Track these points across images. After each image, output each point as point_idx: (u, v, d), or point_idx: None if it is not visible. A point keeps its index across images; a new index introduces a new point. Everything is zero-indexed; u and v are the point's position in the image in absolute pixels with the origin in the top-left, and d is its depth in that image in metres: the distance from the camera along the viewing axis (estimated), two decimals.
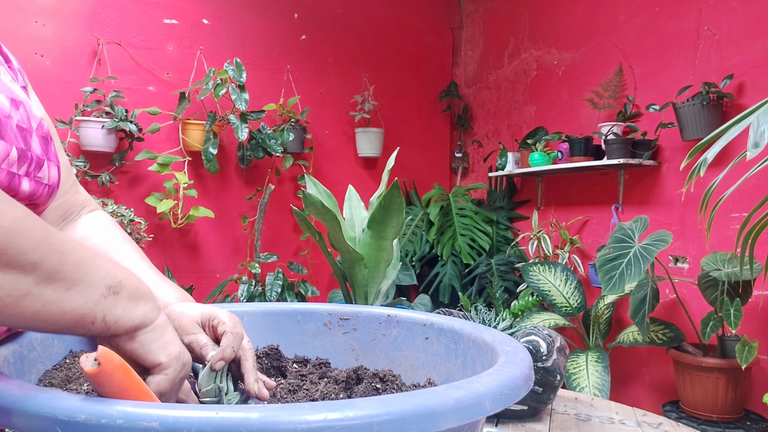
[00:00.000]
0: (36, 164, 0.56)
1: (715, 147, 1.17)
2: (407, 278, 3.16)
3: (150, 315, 0.47)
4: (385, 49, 3.53)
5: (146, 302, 0.47)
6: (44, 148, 0.58)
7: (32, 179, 0.55)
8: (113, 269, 0.45)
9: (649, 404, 2.57)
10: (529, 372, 0.48)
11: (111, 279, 0.44)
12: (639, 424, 0.98)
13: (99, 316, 0.43)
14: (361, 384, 0.63)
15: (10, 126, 0.52)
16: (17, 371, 0.52)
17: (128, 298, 0.45)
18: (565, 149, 2.79)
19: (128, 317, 0.45)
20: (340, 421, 0.33)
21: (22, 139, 0.54)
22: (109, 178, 2.62)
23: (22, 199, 0.55)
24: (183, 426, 0.32)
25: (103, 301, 0.43)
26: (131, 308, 0.45)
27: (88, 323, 0.42)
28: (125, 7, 2.73)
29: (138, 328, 0.46)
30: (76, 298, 0.41)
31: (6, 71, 0.60)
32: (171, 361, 0.48)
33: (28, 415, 0.35)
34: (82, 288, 0.41)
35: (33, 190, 0.56)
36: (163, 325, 0.48)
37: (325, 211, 1.15)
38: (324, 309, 0.80)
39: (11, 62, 0.63)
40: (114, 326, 0.44)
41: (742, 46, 2.23)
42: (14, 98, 0.55)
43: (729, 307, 1.96)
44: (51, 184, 0.59)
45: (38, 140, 0.57)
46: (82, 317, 0.42)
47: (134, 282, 0.46)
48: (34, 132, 0.57)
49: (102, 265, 0.44)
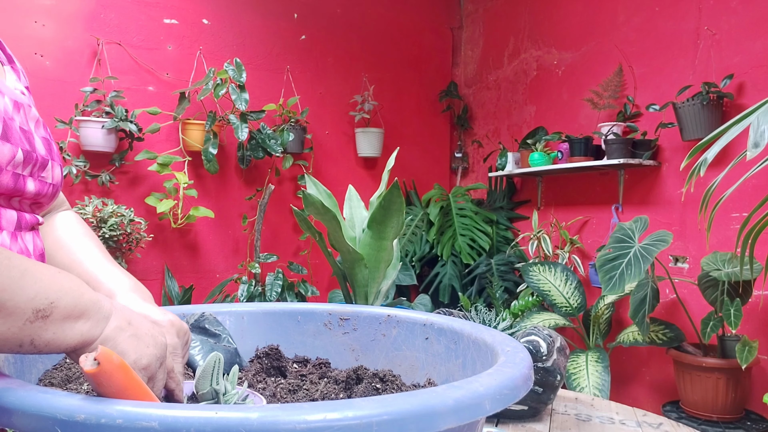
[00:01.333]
0: (41, 164, 0.56)
1: (715, 147, 1.17)
2: (407, 278, 3.16)
3: (91, 332, 0.44)
4: (385, 49, 3.53)
5: (86, 319, 0.43)
6: (48, 148, 0.59)
7: (36, 179, 0.56)
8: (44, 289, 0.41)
9: (649, 404, 2.57)
10: (529, 372, 0.48)
11: (40, 301, 0.40)
12: (639, 424, 0.97)
13: (26, 341, 0.40)
14: (361, 384, 0.63)
15: (14, 128, 0.53)
16: (17, 371, 0.52)
17: (62, 320, 0.42)
18: (565, 149, 2.79)
19: (61, 340, 0.42)
20: (339, 421, 0.33)
21: (27, 141, 0.54)
22: (109, 178, 2.62)
23: (27, 198, 0.55)
24: (182, 426, 0.32)
25: (30, 326, 0.40)
26: (65, 330, 0.42)
27: (14, 347, 0.40)
28: (125, 7, 2.73)
29: (77, 347, 0.43)
30: None
31: (10, 71, 0.61)
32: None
33: (28, 414, 0.35)
34: (3, 314, 0.38)
35: (38, 189, 0.56)
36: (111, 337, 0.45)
37: (325, 211, 1.15)
38: (324, 309, 0.80)
39: (14, 62, 0.64)
40: (46, 348, 0.42)
41: (742, 46, 2.23)
42: (17, 100, 0.55)
43: (729, 307, 1.96)
44: (55, 183, 0.60)
45: (41, 141, 0.58)
46: (6, 341, 0.39)
47: (71, 300, 0.43)
48: (34, 133, 0.57)
49: (30, 286, 0.40)
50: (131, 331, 0.47)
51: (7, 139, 0.50)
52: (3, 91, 0.53)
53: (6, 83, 0.56)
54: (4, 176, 0.50)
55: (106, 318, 0.45)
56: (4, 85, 0.55)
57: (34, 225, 0.57)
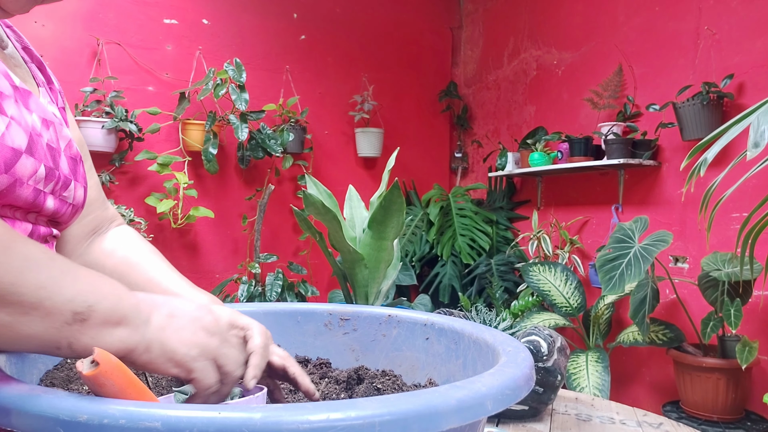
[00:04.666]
0: (63, 183, 0.57)
1: (715, 147, 1.17)
2: (407, 278, 3.16)
3: (130, 339, 0.42)
4: (384, 49, 3.53)
5: (126, 325, 0.42)
6: (72, 168, 0.59)
7: (57, 197, 0.56)
8: (83, 292, 0.40)
9: (649, 404, 2.57)
10: (531, 372, 0.48)
11: (78, 304, 0.40)
12: (639, 424, 0.98)
13: (63, 343, 0.39)
14: (362, 384, 0.63)
15: (40, 144, 0.53)
16: (18, 371, 0.52)
17: (100, 324, 0.41)
18: (565, 149, 2.79)
19: (100, 344, 0.41)
20: (342, 421, 0.33)
21: (51, 158, 0.55)
22: (109, 178, 2.61)
23: (45, 215, 0.56)
24: (185, 426, 0.32)
25: (68, 328, 0.39)
26: (103, 335, 0.41)
27: (52, 349, 0.39)
28: (125, 7, 2.73)
29: (119, 354, 0.42)
30: (34, 324, 0.38)
31: (46, 93, 0.63)
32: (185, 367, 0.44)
33: (30, 415, 0.35)
34: (41, 313, 0.38)
35: (57, 208, 0.56)
36: (154, 339, 0.44)
37: (325, 211, 1.15)
38: (324, 309, 0.80)
39: (53, 84, 0.65)
40: (84, 353, 0.40)
41: (742, 46, 2.23)
42: (45, 118, 0.56)
43: (729, 307, 1.96)
44: (75, 203, 0.60)
45: (67, 160, 0.58)
46: (45, 344, 0.39)
47: (109, 304, 0.42)
48: (62, 152, 0.58)
49: (69, 286, 0.40)
50: (175, 325, 0.45)
51: (31, 154, 0.51)
52: (32, 109, 0.54)
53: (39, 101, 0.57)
54: (25, 190, 0.50)
55: (146, 321, 0.44)
56: (37, 103, 0.55)
57: (47, 237, 0.58)
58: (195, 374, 0.45)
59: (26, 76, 0.60)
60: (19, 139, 0.49)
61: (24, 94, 0.53)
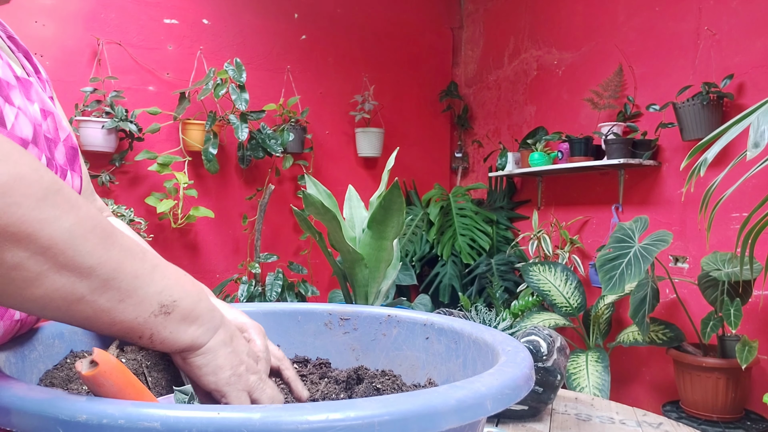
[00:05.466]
0: (60, 173, 0.56)
1: (715, 147, 1.17)
2: (407, 278, 3.16)
3: (201, 339, 0.45)
4: (385, 49, 3.53)
5: (199, 325, 0.45)
6: (70, 158, 0.59)
7: None
8: (170, 286, 0.43)
9: (649, 404, 2.57)
10: (530, 372, 0.48)
11: (165, 297, 0.42)
12: (639, 424, 0.98)
13: (146, 334, 0.41)
14: (362, 384, 0.63)
15: (41, 134, 0.53)
16: (18, 371, 0.52)
17: (180, 320, 0.43)
18: (565, 149, 2.79)
19: (175, 340, 0.43)
20: (341, 421, 0.33)
21: (47, 149, 0.54)
22: (109, 178, 2.62)
23: None
24: (184, 426, 0.32)
25: (153, 319, 0.41)
26: (180, 331, 0.43)
27: (135, 337, 0.41)
28: (125, 7, 2.73)
29: (186, 350, 0.44)
30: (127, 311, 0.40)
31: (36, 82, 0.62)
32: (221, 388, 0.46)
33: (30, 414, 0.35)
34: (134, 301, 0.40)
35: None
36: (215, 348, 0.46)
37: (325, 211, 1.15)
38: (324, 309, 0.80)
39: (40, 73, 0.65)
40: (159, 345, 0.43)
41: (742, 46, 2.23)
42: (44, 108, 0.56)
43: (729, 307, 1.96)
44: None
45: (64, 150, 0.58)
46: (131, 331, 0.41)
47: (190, 302, 0.44)
48: (61, 142, 0.58)
49: (159, 279, 0.42)
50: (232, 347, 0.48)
51: (36, 144, 0.51)
52: (33, 99, 0.54)
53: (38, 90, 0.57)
54: None
55: (215, 329, 0.46)
56: (37, 93, 0.55)
57: None
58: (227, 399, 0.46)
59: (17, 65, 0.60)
60: (27, 129, 0.49)
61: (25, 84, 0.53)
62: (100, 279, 0.38)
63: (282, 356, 0.61)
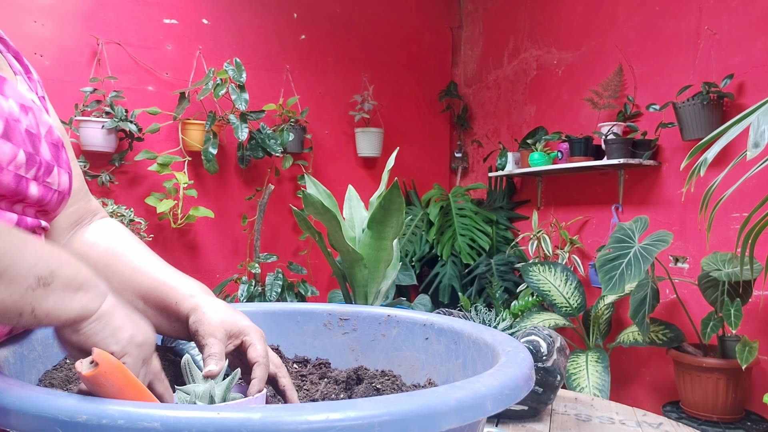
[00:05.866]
0: (45, 169, 0.56)
1: (715, 147, 1.17)
2: (407, 278, 3.16)
3: (90, 305, 0.44)
4: (384, 49, 3.53)
5: (86, 291, 0.44)
6: (54, 154, 0.59)
7: (41, 184, 0.56)
8: (45, 258, 0.41)
9: (649, 404, 2.57)
10: (530, 372, 0.48)
11: (41, 269, 0.41)
12: (639, 424, 0.97)
13: (27, 309, 0.40)
14: (362, 384, 0.63)
15: (18, 130, 0.53)
16: (17, 372, 0.52)
17: (62, 289, 0.42)
18: (565, 149, 2.79)
19: (62, 310, 0.42)
20: (341, 422, 0.33)
21: (31, 144, 0.54)
22: (109, 178, 2.61)
23: (31, 203, 0.55)
24: (184, 426, 0.32)
25: (31, 293, 0.40)
26: (66, 300, 0.42)
27: (15, 316, 0.40)
28: (124, 7, 2.73)
29: (77, 320, 0.43)
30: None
31: (24, 80, 0.62)
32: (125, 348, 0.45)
33: (29, 415, 0.35)
34: (5, 280, 0.38)
35: (42, 195, 0.56)
36: (109, 312, 0.45)
37: (324, 211, 1.15)
38: (324, 309, 0.80)
39: (31, 73, 0.65)
40: (45, 319, 0.42)
41: (742, 46, 2.23)
42: (24, 104, 0.56)
43: (729, 307, 1.96)
44: (61, 190, 0.59)
45: (47, 146, 0.58)
46: (7, 310, 0.39)
47: (70, 271, 0.43)
48: (43, 138, 0.57)
49: (31, 253, 0.41)
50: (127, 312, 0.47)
51: (8, 139, 0.50)
52: (8, 95, 0.54)
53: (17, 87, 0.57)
54: (5, 176, 0.50)
55: (104, 294, 0.46)
56: (13, 89, 0.55)
57: (35, 228, 0.57)
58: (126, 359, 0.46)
59: (2, 64, 0.60)
60: None
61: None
62: None
63: (280, 364, 0.60)
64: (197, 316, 0.57)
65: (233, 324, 0.58)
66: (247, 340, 0.58)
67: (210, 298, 0.61)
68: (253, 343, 0.57)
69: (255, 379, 0.54)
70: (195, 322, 0.57)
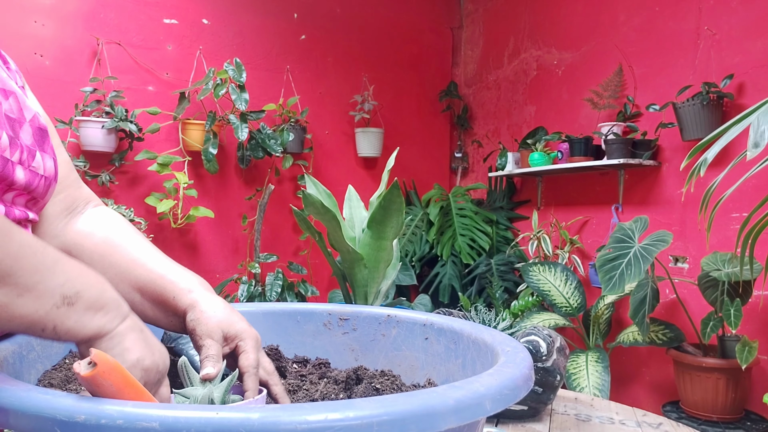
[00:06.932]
0: (28, 153, 0.55)
1: (715, 147, 1.17)
2: (407, 278, 3.16)
3: (107, 326, 0.46)
4: (385, 49, 3.53)
5: (105, 313, 0.46)
6: (38, 139, 0.58)
7: (26, 168, 0.55)
8: (72, 278, 0.43)
9: (649, 404, 2.57)
10: (530, 372, 0.48)
11: (68, 288, 0.42)
12: (639, 425, 0.97)
13: (49, 326, 0.42)
14: (361, 384, 0.63)
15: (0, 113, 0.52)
16: (16, 372, 0.52)
17: (84, 309, 0.44)
18: (565, 149, 2.79)
19: (81, 329, 0.44)
20: (340, 422, 0.33)
21: (11, 128, 0.54)
22: (109, 178, 2.61)
23: (18, 188, 0.55)
24: (183, 426, 0.32)
25: (56, 311, 0.42)
26: (86, 320, 0.44)
27: (38, 330, 0.42)
28: (125, 7, 2.73)
29: (92, 338, 0.45)
30: (27, 305, 0.40)
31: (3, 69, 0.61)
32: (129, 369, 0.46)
33: (28, 415, 0.35)
34: (34, 295, 0.40)
35: (29, 180, 0.55)
36: (122, 333, 0.47)
37: (324, 211, 1.15)
38: (324, 309, 0.80)
39: (8, 64, 0.64)
40: (65, 336, 0.43)
41: (742, 46, 2.23)
42: (5, 89, 0.55)
43: (729, 307, 1.96)
44: (47, 175, 0.59)
45: (30, 130, 0.57)
46: (33, 324, 0.41)
47: (94, 293, 0.45)
48: (27, 123, 0.57)
49: (60, 273, 0.42)
50: (142, 336, 0.48)
51: None
52: None
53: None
54: None
55: (123, 316, 0.47)
56: None
57: (22, 221, 0.57)
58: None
59: None
60: None
61: None
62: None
63: (272, 371, 0.60)
64: (195, 315, 0.57)
65: (231, 326, 0.58)
66: (241, 346, 0.58)
67: (209, 295, 0.60)
68: (246, 350, 0.57)
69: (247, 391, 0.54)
70: (192, 321, 0.57)
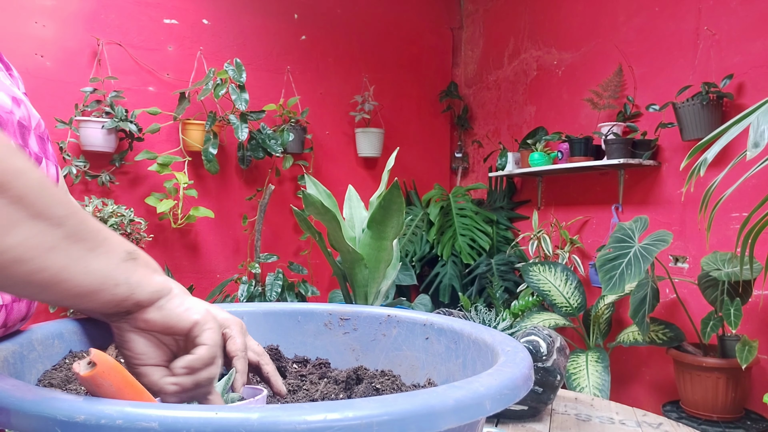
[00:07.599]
0: (35, 160, 0.56)
1: (715, 147, 1.17)
2: (407, 278, 3.16)
3: (168, 283, 0.47)
4: (385, 49, 3.53)
5: (160, 274, 0.48)
6: (42, 147, 0.59)
7: None
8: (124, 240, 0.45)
9: (649, 404, 2.57)
10: (530, 372, 0.48)
11: (128, 245, 0.45)
12: (639, 424, 0.97)
13: (122, 278, 0.43)
14: (361, 384, 0.63)
15: (11, 122, 0.53)
16: (16, 372, 0.52)
17: (145, 265, 0.46)
18: (565, 149, 2.79)
19: (148, 282, 0.45)
20: (339, 422, 0.33)
21: (21, 136, 0.54)
22: (109, 178, 2.62)
23: None
24: (182, 426, 0.32)
25: (124, 264, 0.43)
26: (149, 274, 0.46)
27: (111, 285, 0.42)
28: (125, 8, 2.73)
29: (161, 294, 0.46)
30: (100, 258, 0.41)
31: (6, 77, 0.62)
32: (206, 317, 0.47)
33: (28, 415, 0.35)
34: (104, 249, 0.42)
35: None
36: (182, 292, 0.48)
37: (325, 211, 1.15)
38: (324, 309, 0.80)
39: (11, 70, 0.65)
40: (138, 289, 0.44)
41: (742, 46, 2.23)
42: (15, 96, 0.56)
43: (729, 306, 1.96)
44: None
45: (35, 139, 0.58)
46: (106, 279, 0.42)
47: (145, 255, 0.47)
48: (32, 130, 0.58)
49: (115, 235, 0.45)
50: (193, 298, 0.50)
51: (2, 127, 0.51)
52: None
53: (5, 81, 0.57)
54: None
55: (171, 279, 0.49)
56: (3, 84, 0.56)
57: None
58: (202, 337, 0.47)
59: None
60: None
61: None
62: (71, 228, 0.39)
63: (262, 351, 0.61)
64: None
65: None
66: (227, 333, 0.58)
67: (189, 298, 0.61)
68: (233, 335, 0.57)
69: (237, 373, 0.54)
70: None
